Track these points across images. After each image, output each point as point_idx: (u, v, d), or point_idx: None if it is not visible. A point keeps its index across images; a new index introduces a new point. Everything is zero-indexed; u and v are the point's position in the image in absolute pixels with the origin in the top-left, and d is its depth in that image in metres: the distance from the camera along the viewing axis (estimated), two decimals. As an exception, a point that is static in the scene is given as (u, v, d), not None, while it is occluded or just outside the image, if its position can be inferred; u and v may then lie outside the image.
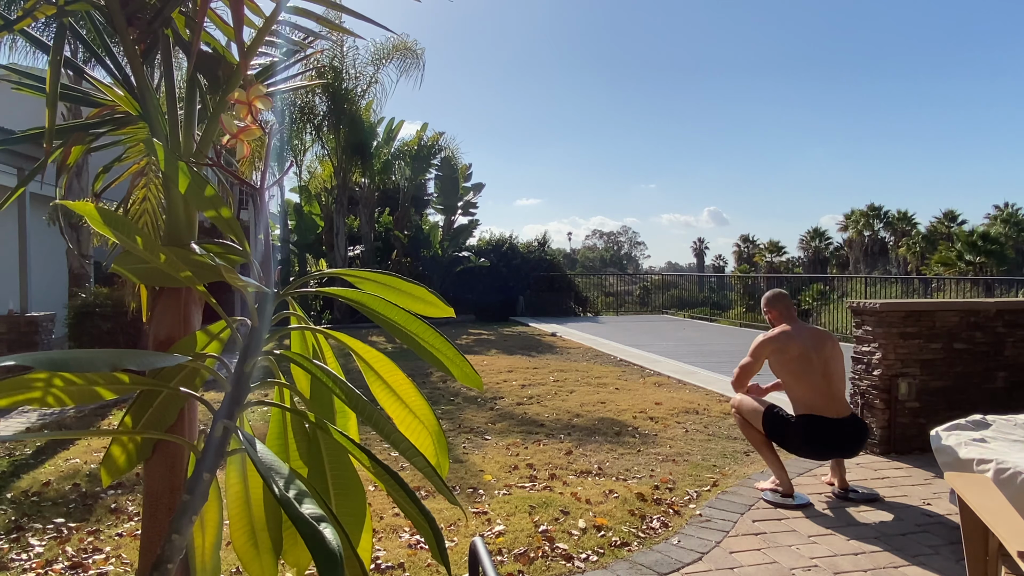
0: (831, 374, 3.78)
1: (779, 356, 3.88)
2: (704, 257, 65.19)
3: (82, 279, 10.36)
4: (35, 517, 3.62)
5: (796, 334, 3.86)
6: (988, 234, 25.03)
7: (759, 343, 3.94)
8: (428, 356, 1.40)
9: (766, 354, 3.93)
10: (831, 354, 3.81)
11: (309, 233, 18.76)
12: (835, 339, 3.93)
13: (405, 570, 2.96)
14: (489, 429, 5.55)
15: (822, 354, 3.79)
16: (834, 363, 3.80)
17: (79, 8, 1.63)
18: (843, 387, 3.85)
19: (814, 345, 3.81)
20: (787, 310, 4.02)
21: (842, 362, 3.87)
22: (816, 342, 3.83)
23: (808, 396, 3.78)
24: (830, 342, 3.86)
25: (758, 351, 3.94)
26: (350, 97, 15.45)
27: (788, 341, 3.85)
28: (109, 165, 2.10)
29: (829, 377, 3.77)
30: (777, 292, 4.13)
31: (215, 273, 1.27)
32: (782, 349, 3.86)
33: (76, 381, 1.14)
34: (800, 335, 3.86)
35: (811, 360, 3.78)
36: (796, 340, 3.83)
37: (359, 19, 1.70)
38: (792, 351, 3.82)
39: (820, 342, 3.84)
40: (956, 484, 2.54)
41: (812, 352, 3.79)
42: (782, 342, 3.86)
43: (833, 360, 3.80)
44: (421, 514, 1.15)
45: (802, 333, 3.88)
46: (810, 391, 3.77)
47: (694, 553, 3.12)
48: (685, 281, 29.13)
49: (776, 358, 3.90)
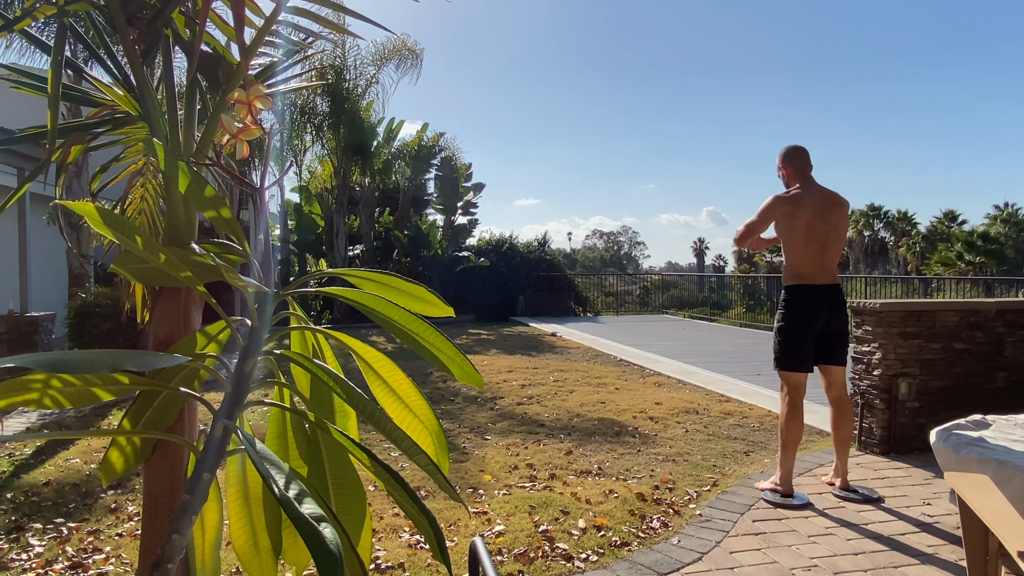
0: (828, 244, 3.77)
1: (788, 221, 3.82)
2: (704, 257, 65.20)
3: (82, 279, 10.36)
4: (35, 517, 3.62)
5: (808, 198, 3.79)
6: (988, 234, 25.03)
7: (770, 204, 3.85)
8: (428, 355, 1.40)
9: (775, 216, 3.85)
10: (836, 223, 3.79)
11: (309, 233, 18.76)
12: (845, 204, 3.86)
13: (405, 570, 2.96)
14: (489, 429, 5.55)
15: (827, 222, 3.76)
16: (836, 233, 3.78)
17: (79, 8, 1.63)
18: (837, 258, 3.86)
19: (823, 212, 3.77)
20: (803, 168, 3.91)
21: (844, 232, 3.87)
22: (824, 210, 3.78)
23: (803, 264, 3.80)
24: (838, 209, 3.81)
25: (768, 212, 3.86)
26: (350, 97, 15.45)
27: (800, 206, 3.78)
28: (107, 165, 2.10)
29: (826, 247, 3.77)
30: (795, 148, 3.98)
31: (215, 273, 1.27)
32: (792, 214, 3.79)
33: (75, 382, 1.14)
34: (812, 199, 3.79)
35: (815, 229, 3.75)
36: (807, 206, 3.76)
37: (359, 19, 1.70)
38: (802, 217, 3.76)
39: (828, 210, 3.78)
40: (956, 484, 2.54)
41: (819, 220, 3.75)
42: (794, 206, 3.79)
43: (836, 230, 3.78)
44: (422, 513, 1.15)
45: (814, 198, 3.80)
46: (806, 260, 3.78)
47: (694, 553, 3.12)
48: (685, 281, 29.14)
49: (785, 223, 3.84)
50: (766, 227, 3.92)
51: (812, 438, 5.08)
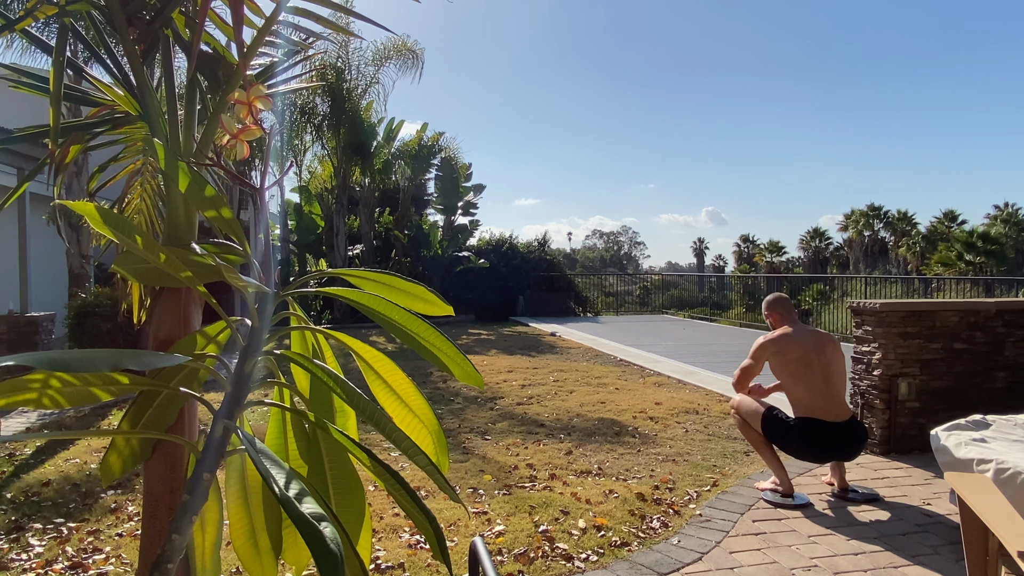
0: (831, 376, 3.77)
1: (780, 358, 3.88)
2: (704, 257, 65.17)
3: (82, 279, 10.36)
4: (35, 517, 3.62)
5: (797, 336, 3.86)
6: (988, 234, 25.01)
7: (760, 345, 3.94)
8: (428, 355, 1.40)
9: (766, 356, 3.93)
10: (832, 357, 3.81)
11: (309, 233, 18.76)
12: (836, 341, 3.93)
13: (405, 570, 2.96)
14: (489, 429, 5.55)
15: (823, 356, 3.79)
16: (835, 366, 3.80)
17: (79, 8, 1.63)
18: (843, 390, 3.85)
19: (815, 347, 3.81)
20: (788, 313, 4.02)
21: (843, 365, 3.87)
22: (817, 344, 3.83)
23: (807, 398, 3.78)
24: (831, 344, 3.87)
25: (759, 353, 3.94)
26: (351, 97, 15.46)
27: (788, 343, 3.85)
28: (105, 164, 2.10)
29: (829, 379, 3.77)
30: (777, 296, 4.13)
31: (215, 273, 1.27)
32: (782, 351, 3.86)
33: (74, 382, 1.14)
34: (801, 337, 3.86)
35: (811, 362, 3.78)
36: (797, 342, 3.83)
37: (360, 19, 1.70)
38: (792, 353, 3.82)
39: (821, 344, 3.84)
40: (956, 484, 2.54)
41: (813, 354, 3.79)
42: (782, 344, 3.87)
43: (834, 363, 3.80)
44: (422, 513, 1.15)
45: (803, 335, 3.88)
46: (810, 393, 3.77)
47: (694, 553, 3.12)
48: (685, 281, 29.14)
49: (776, 360, 3.90)
50: (760, 368, 3.96)
51: (812, 438, 5.08)
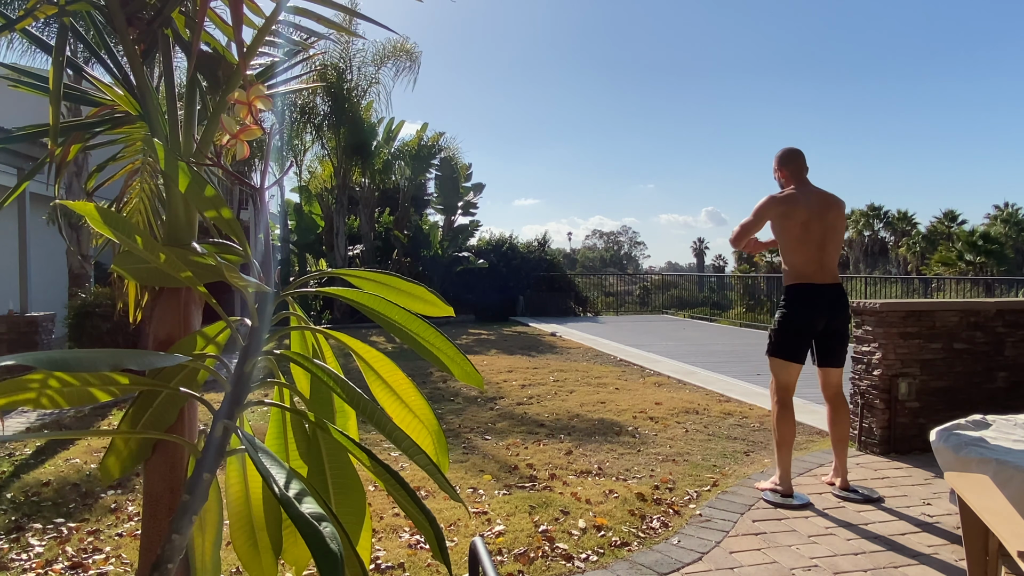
0: (827, 244, 3.75)
1: (783, 221, 3.80)
2: (704, 257, 65.19)
3: (82, 279, 10.36)
4: (35, 517, 3.62)
5: (803, 199, 3.77)
6: (989, 234, 25.02)
7: (765, 202, 3.83)
8: (428, 355, 1.40)
9: (770, 215, 3.83)
10: (833, 222, 3.76)
11: (309, 233, 18.76)
12: (841, 205, 3.85)
13: (405, 570, 2.96)
14: (489, 429, 5.55)
15: (824, 222, 3.74)
16: (833, 233, 3.76)
17: (79, 8, 1.63)
18: (836, 257, 3.83)
19: (819, 212, 3.75)
20: (799, 171, 3.89)
21: (842, 232, 3.84)
22: (821, 210, 3.76)
23: (801, 264, 3.77)
24: (834, 210, 3.79)
25: (762, 211, 3.84)
26: (351, 97, 15.46)
27: (795, 206, 3.76)
28: (103, 164, 2.10)
29: (824, 247, 3.75)
30: (790, 151, 3.96)
31: (215, 273, 1.27)
32: (787, 214, 3.77)
33: (73, 382, 1.13)
34: (807, 200, 3.77)
35: (812, 229, 3.73)
36: (802, 206, 3.75)
37: (360, 19, 1.70)
38: (797, 217, 3.74)
39: (824, 210, 3.77)
40: (956, 484, 2.54)
41: (815, 220, 3.73)
42: (789, 206, 3.77)
43: (833, 229, 3.76)
44: (422, 513, 1.15)
45: (810, 198, 3.78)
46: (804, 260, 3.76)
47: (694, 553, 3.12)
48: (685, 281, 29.12)
49: (779, 223, 3.82)
50: (760, 226, 3.90)
51: (812, 438, 5.08)
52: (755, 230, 3.92)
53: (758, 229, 3.92)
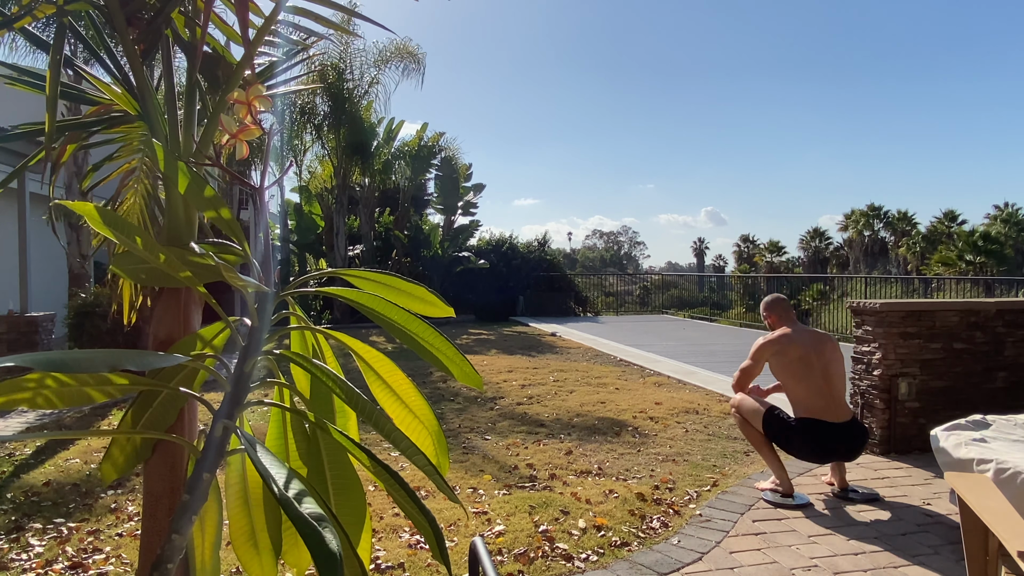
0: (831, 376, 3.77)
1: (779, 359, 3.88)
2: (704, 257, 65.18)
3: (82, 279, 10.37)
4: (35, 517, 3.62)
5: (796, 336, 3.86)
6: (989, 234, 25.03)
7: (759, 346, 3.94)
8: (428, 356, 1.39)
9: (766, 356, 3.93)
10: (831, 356, 3.81)
11: (309, 233, 18.76)
12: (835, 342, 3.93)
13: (405, 570, 2.96)
14: (489, 429, 5.55)
15: (822, 357, 3.79)
16: (834, 366, 3.80)
17: (79, 8, 1.62)
18: (843, 390, 3.85)
19: (814, 347, 3.81)
20: (786, 313, 4.02)
21: (842, 365, 3.87)
22: (816, 344, 3.83)
23: (808, 399, 3.78)
24: (830, 344, 3.87)
25: (758, 354, 3.94)
26: (351, 97, 15.45)
27: (788, 343, 3.85)
28: (99, 164, 2.10)
29: (829, 380, 3.77)
30: (775, 297, 4.13)
31: (215, 273, 1.27)
32: (782, 351, 3.86)
33: (72, 383, 1.13)
34: (800, 337, 3.86)
35: (811, 363, 3.78)
36: (796, 342, 3.83)
37: (359, 19, 1.70)
38: (792, 353, 3.82)
39: (820, 344, 3.84)
40: (956, 484, 2.54)
41: (812, 354, 3.79)
42: (782, 344, 3.87)
43: (833, 363, 3.80)
44: (421, 513, 1.15)
45: (802, 335, 3.88)
46: (810, 394, 3.77)
47: (694, 553, 3.12)
48: (685, 281, 29.13)
49: (776, 360, 3.90)
50: (760, 368, 3.96)
51: (812, 438, 5.08)
52: (755, 373, 3.99)
53: (758, 371, 3.98)
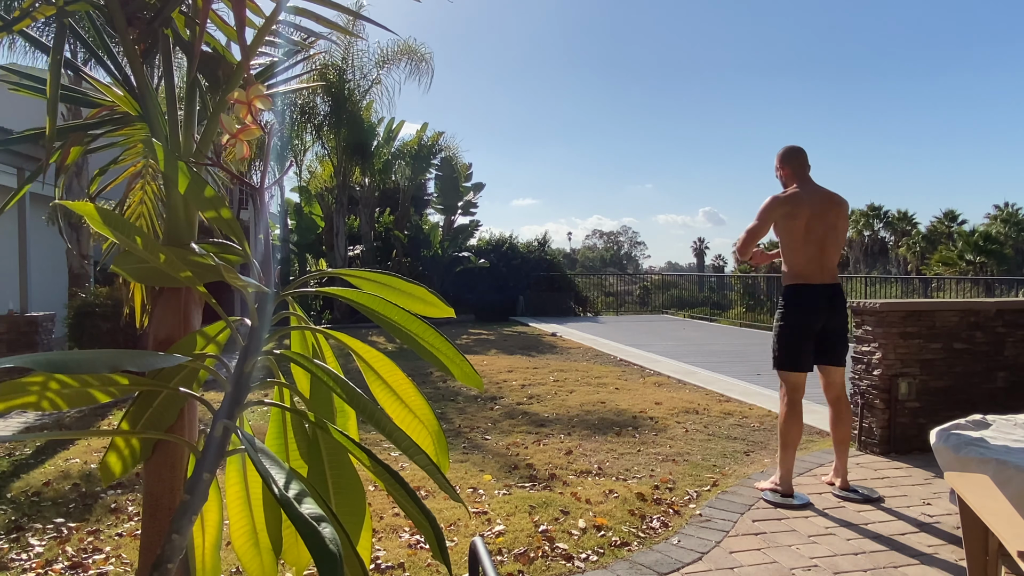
0: (827, 246, 3.77)
1: (787, 221, 3.81)
2: (704, 257, 65.19)
3: (82, 279, 10.37)
4: (35, 517, 3.62)
5: (807, 197, 3.78)
6: (989, 234, 25.03)
7: (769, 204, 3.85)
8: (428, 356, 1.39)
9: (775, 216, 3.85)
10: (834, 222, 3.78)
11: (309, 233, 18.77)
12: (844, 204, 3.85)
13: (405, 570, 2.96)
14: (489, 429, 5.55)
15: (825, 221, 3.76)
16: (835, 232, 3.78)
17: (79, 8, 1.62)
18: (836, 257, 3.84)
19: (821, 211, 3.77)
20: (801, 168, 3.91)
21: (844, 231, 3.86)
22: (824, 207, 3.78)
23: (802, 264, 3.79)
24: (836, 208, 3.81)
25: (767, 213, 3.85)
26: (351, 98, 15.45)
27: (799, 205, 3.77)
28: (105, 167, 2.10)
29: (825, 249, 3.77)
30: (792, 148, 3.97)
31: (215, 273, 1.27)
32: (791, 214, 3.79)
33: (73, 383, 1.13)
34: (811, 198, 3.78)
35: (813, 229, 3.75)
36: (806, 204, 3.76)
37: (360, 19, 1.70)
38: (801, 216, 3.76)
39: (827, 208, 3.78)
40: (956, 484, 2.54)
41: (817, 219, 3.75)
42: (793, 205, 3.79)
43: (834, 229, 3.78)
44: (421, 513, 1.15)
45: (812, 197, 3.80)
46: (805, 260, 3.78)
47: (694, 553, 3.12)
48: (685, 281, 29.12)
49: (784, 223, 3.83)
50: (767, 229, 3.91)
51: (812, 438, 5.08)
52: (763, 233, 3.92)
53: (765, 232, 3.92)
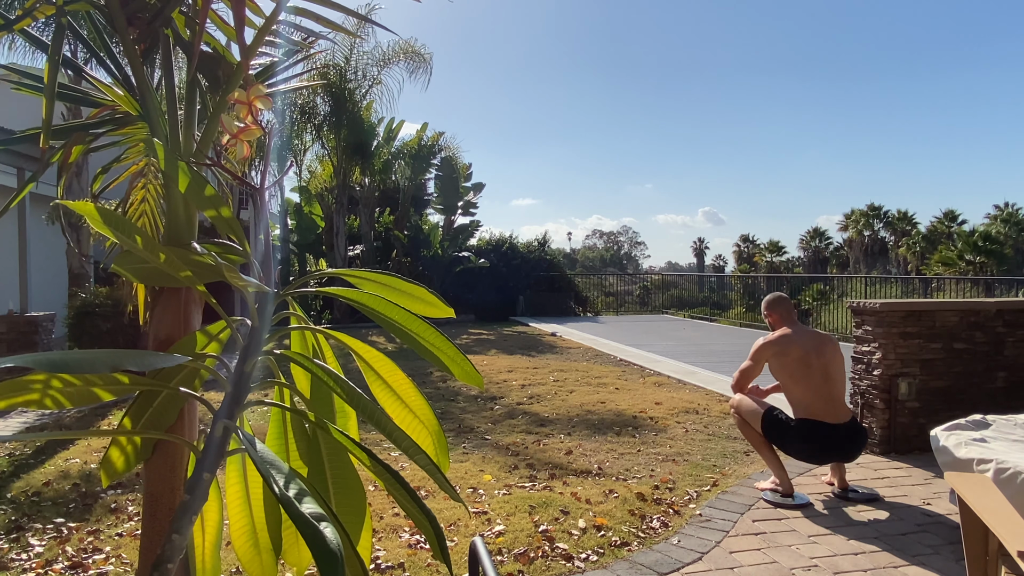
0: (831, 378, 3.77)
1: (780, 359, 3.88)
2: (704, 257, 65.20)
3: (82, 279, 10.36)
4: (35, 517, 3.62)
5: (796, 337, 3.86)
6: (989, 234, 25.04)
7: (759, 346, 3.94)
8: (428, 355, 1.39)
9: (766, 357, 3.93)
10: (831, 358, 3.81)
11: (309, 233, 18.76)
12: (836, 342, 3.93)
13: (405, 570, 2.96)
14: (489, 429, 5.55)
15: (822, 357, 3.79)
16: (834, 367, 3.80)
17: (79, 8, 1.62)
18: (843, 391, 3.85)
19: (815, 348, 3.81)
20: (787, 313, 4.02)
21: (842, 366, 3.87)
22: (816, 345, 3.83)
23: (807, 400, 3.78)
24: (831, 345, 3.87)
25: (758, 354, 3.94)
26: (352, 98, 15.45)
27: (789, 344, 3.85)
28: (108, 166, 2.10)
29: (829, 380, 3.77)
30: (777, 296, 4.13)
31: (215, 273, 1.27)
32: (783, 352, 3.86)
33: (74, 383, 1.13)
34: (800, 338, 3.86)
35: (811, 363, 3.78)
36: (796, 343, 3.83)
37: (360, 19, 1.70)
38: (793, 354, 3.82)
39: (820, 345, 3.84)
40: (956, 484, 2.54)
41: (812, 355, 3.79)
42: (783, 345, 3.87)
43: (833, 364, 3.80)
44: (422, 513, 1.15)
45: (802, 336, 3.88)
46: (809, 394, 3.77)
47: (694, 553, 3.12)
48: (685, 281, 29.12)
49: (777, 361, 3.90)
50: (760, 369, 3.96)
51: (812, 438, 5.08)
52: (755, 373, 3.98)
53: (758, 372, 3.98)
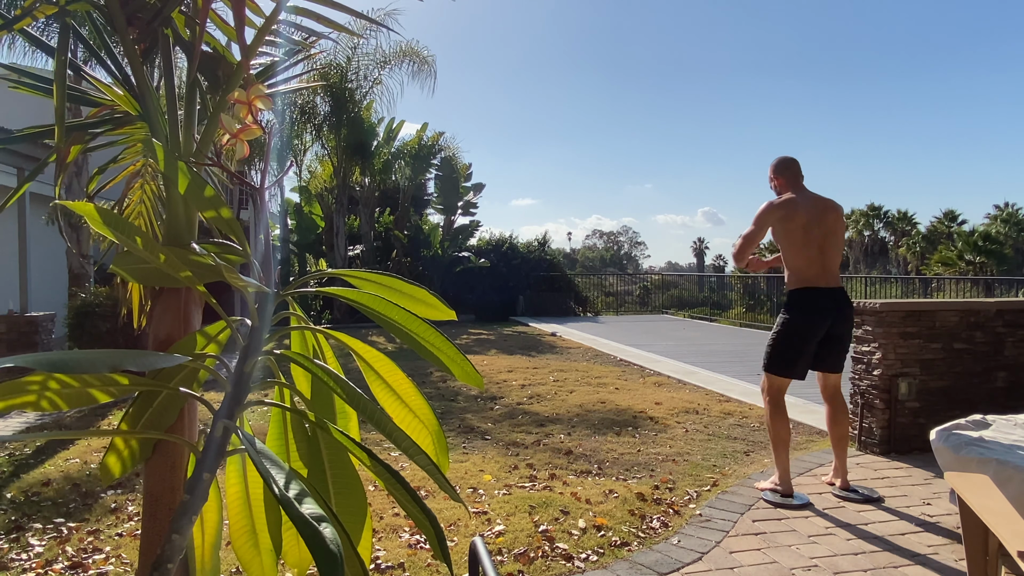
0: (827, 248, 3.78)
1: (784, 224, 3.84)
2: (704, 257, 65.20)
3: (82, 279, 10.36)
4: (35, 517, 3.62)
5: (802, 202, 3.82)
6: (989, 234, 25.04)
7: (764, 209, 3.88)
8: (428, 355, 1.39)
9: (771, 221, 3.88)
10: (833, 227, 3.80)
11: (309, 233, 18.76)
12: (840, 209, 3.88)
13: (405, 570, 2.96)
14: (489, 429, 5.55)
15: (823, 225, 3.78)
16: (833, 236, 3.79)
17: (79, 8, 1.62)
18: (838, 260, 3.86)
19: (818, 216, 3.79)
20: (795, 178, 3.95)
21: (842, 235, 3.87)
22: (820, 212, 3.80)
23: (804, 267, 3.80)
24: (833, 213, 3.84)
25: (762, 218, 3.88)
26: (352, 98, 15.45)
27: (795, 210, 3.80)
28: (104, 166, 2.10)
29: (825, 251, 3.78)
30: (785, 159, 4.02)
31: (215, 273, 1.27)
32: (788, 217, 3.82)
33: (73, 383, 1.13)
34: (806, 204, 3.82)
35: (812, 231, 3.77)
36: (802, 209, 3.79)
37: (361, 19, 1.70)
38: (797, 220, 3.79)
39: (823, 213, 3.81)
40: (956, 484, 2.54)
41: (815, 224, 3.77)
42: (788, 209, 3.82)
43: (833, 233, 3.80)
44: (422, 512, 1.15)
45: (808, 202, 3.83)
46: (806, 263, 3.79)
47: (694, 553, 3.12)
48: (685, 281, 29.12)
49: (781, 226, 3.86)
50: (763, 234, 3.94)
51: (812, 438, 5.08)
52: (758, 239, 3.94)
53: (761, 237, 3.94)
